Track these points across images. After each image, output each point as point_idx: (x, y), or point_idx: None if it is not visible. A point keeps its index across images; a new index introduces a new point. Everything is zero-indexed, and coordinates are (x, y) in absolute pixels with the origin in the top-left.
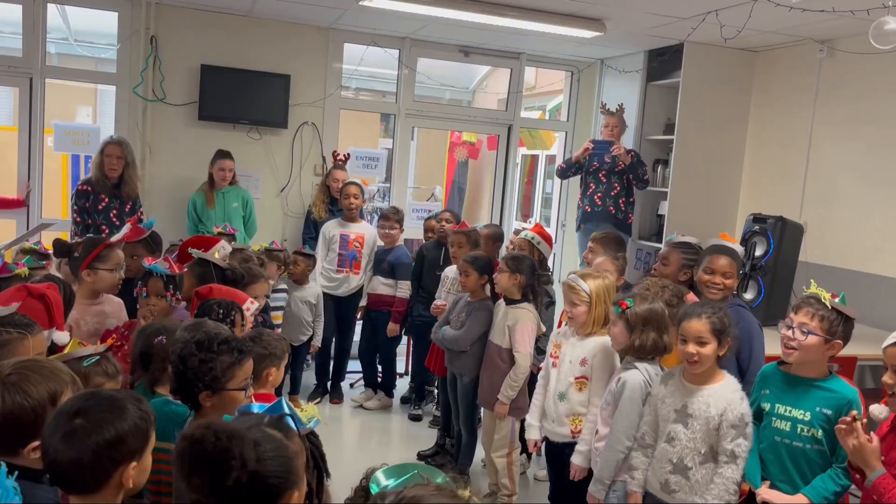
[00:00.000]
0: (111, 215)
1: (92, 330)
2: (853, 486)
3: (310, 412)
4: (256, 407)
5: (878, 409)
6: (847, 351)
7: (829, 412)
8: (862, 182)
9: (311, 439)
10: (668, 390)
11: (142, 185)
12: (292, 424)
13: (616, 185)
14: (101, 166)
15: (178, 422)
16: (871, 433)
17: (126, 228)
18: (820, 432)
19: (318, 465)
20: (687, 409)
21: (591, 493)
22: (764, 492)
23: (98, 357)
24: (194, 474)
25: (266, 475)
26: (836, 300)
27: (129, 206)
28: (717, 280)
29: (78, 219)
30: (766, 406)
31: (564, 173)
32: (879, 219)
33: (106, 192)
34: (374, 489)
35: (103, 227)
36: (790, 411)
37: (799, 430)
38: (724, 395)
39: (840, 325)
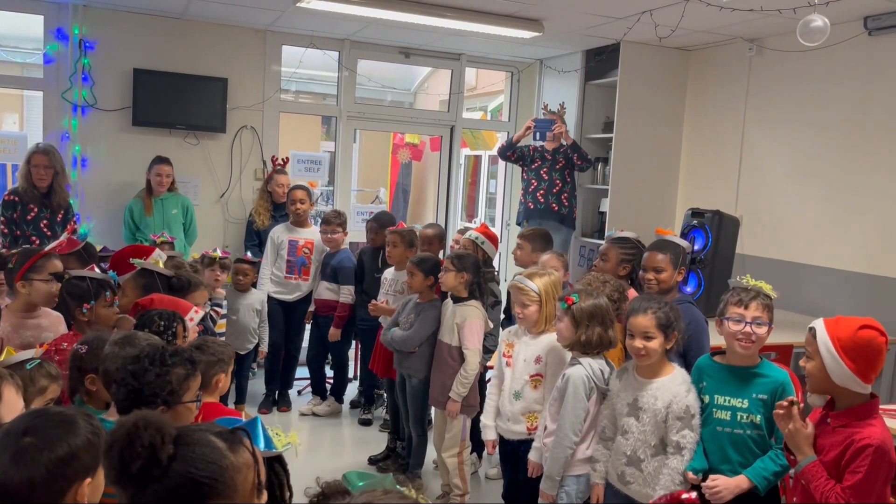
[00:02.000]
0: (41, 225)
1: (27, 344)
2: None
3: (289, 439)
4: (233, 423)
5: (816, 397)
6: (783, 339)
7: (764, 397)
8: (792, 175)
9: (275, 466)
10: (622, 385)
11: (74, 193)
12: (250, 440)
13: (558, 181)
14: (28, 177)
15: None
16: (807, 419)
17: (63, 237)
18: (759, 417)
19: (274, 491)
20: (637, 403)
21: (543, 491)
22: (710, 480)
23: (39, 360)
24: (105, 456)
25: (183, 475)
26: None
27: (60, 216)
28: (650, 276)
29: (5, 230)
30: (706, 398)
31: (504, 152)
32: (810, 210)
33: (35, 201)
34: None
35: (33, 237)
36: (729, 401)
37: (739, 417)
38: (670, 388)
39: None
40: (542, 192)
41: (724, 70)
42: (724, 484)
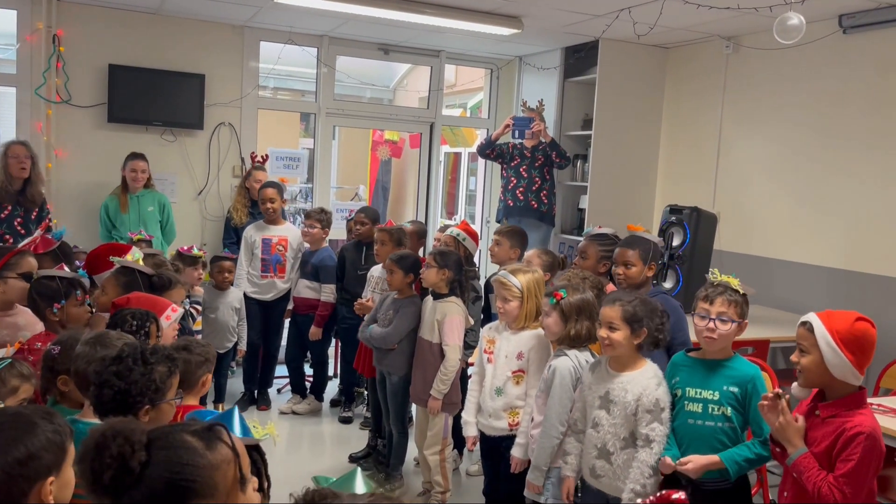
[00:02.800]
0: (15, 224)
1: (1, 342)
2: (773, 462)
3: (267, 430)
4: (209, 415)
5: (800, 389)
6: (760, 334)
7: (735, 390)
8: (769, 172)
9: (253, 455)
10: (594, 378)
11: (48, 190)
12: (232, 434)
13: (537, 179)
14: (5, 169)
15: None
16: (794, 413)
17: (37, 234)
18: (730, 410)
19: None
20: (608, 396)
21: (530, 481)
22: (682, 463)
23: (10, 360)
24: (77, 467)
25: (159, 479)
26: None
27: (34, 214)
28: (619, 271)
29: None
30: (678, 392)
31: (483, 150)
32: (786, 206)
33: (8, 199)
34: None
35: (7, 236)
36: (700, 393)
37: (710, 409)
38: (640, 381)
39: (746, 306)
40: (521, 189)
41: (701, 67)
42: (696, 459)
